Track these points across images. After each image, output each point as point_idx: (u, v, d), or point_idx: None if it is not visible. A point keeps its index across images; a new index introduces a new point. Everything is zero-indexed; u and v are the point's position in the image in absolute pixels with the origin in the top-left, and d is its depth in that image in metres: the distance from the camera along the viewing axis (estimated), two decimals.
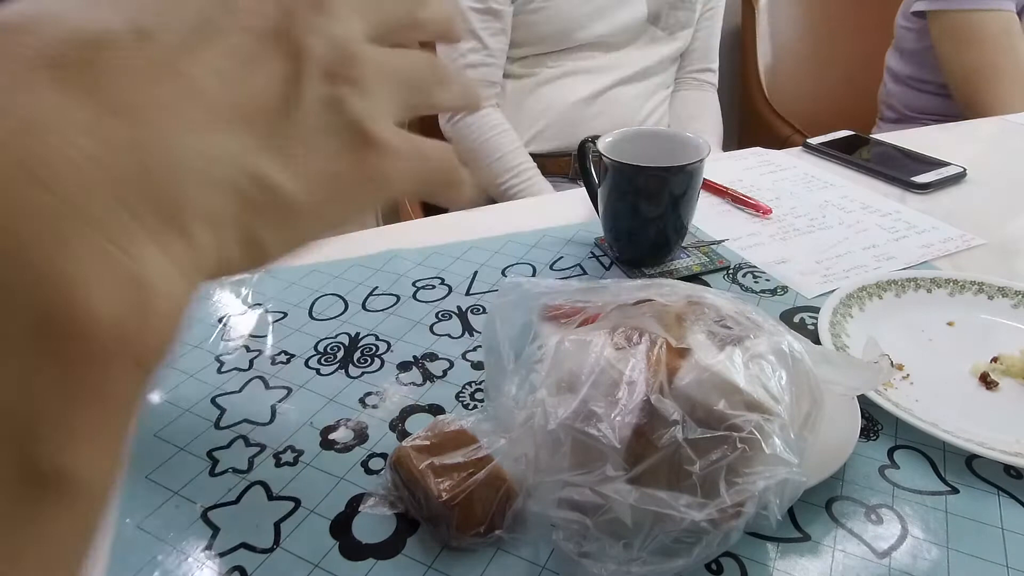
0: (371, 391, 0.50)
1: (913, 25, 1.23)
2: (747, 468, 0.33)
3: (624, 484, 0.32)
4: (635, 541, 0.32)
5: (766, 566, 0.37)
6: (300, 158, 0.22)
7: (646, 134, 0.66)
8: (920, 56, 1.24)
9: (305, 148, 0.22)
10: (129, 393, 0.19)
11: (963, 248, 0.67)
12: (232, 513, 0.41)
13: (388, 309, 0.60)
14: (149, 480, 0.43)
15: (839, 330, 0.53)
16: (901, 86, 1.29)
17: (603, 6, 1.17)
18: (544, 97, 1.21)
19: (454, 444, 0.40)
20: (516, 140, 1.17)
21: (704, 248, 0.67)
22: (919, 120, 1.26)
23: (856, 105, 1.48)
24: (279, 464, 0.44)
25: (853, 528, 0.39)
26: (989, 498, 0.41)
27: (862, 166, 0.85)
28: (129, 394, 0.19)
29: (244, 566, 0.38)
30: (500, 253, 0.68)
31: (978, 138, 0.97)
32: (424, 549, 0.39)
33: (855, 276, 0.62)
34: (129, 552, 0.39)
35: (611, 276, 0.65)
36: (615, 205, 0.63)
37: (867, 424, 0.46)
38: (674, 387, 0.34)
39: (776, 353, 0.36)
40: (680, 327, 0.37)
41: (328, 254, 0.68)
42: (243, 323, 0.58)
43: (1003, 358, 0.51)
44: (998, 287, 0.57)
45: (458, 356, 0.54)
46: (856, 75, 1.58)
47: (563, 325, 0.40)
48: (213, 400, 0.50)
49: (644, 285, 0.42)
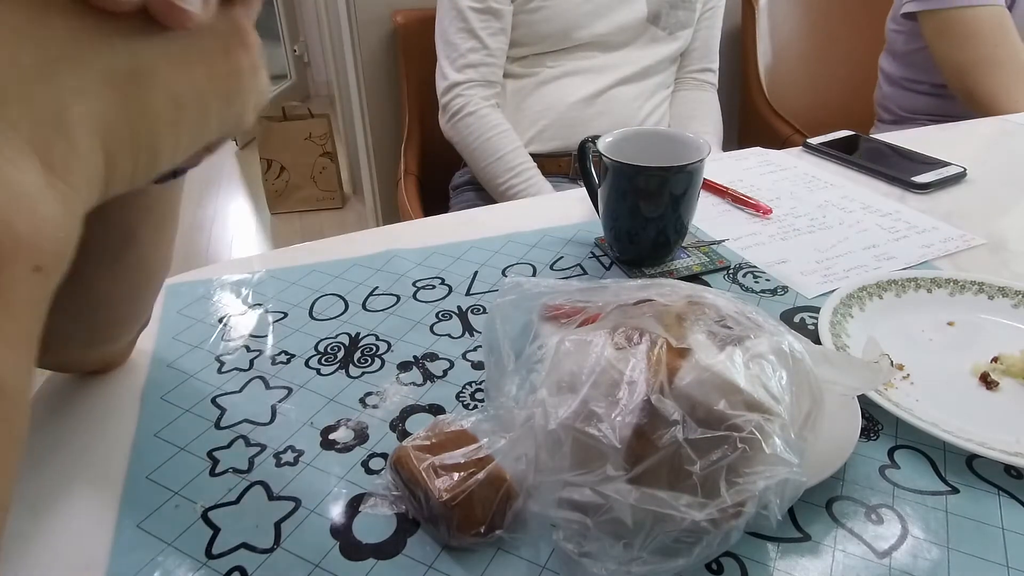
0: (371, 391, 0.50)
1: (903, 28, 1.23)
2: (747, 468, 0.33)
3: (624, 484, 0.32)
4: (635, 541, 0.32)
5: (766, 566, 0.37)
6: (180, 55, 0.24)
7: (646, 134, 0.66)
8: (911, 58, 1.24)
9: (185, 46, 0.24)
10: (33, 297, 0.20)
11: (963, 248, 0.67)
12: (232, 513, 0.41)
13: (388, 309, 0.60)
14: (149, 480, 0.43)
15: (839, 330, 0.53)
16: (895, 88, 1.30)
17: (603, 5, 1.17)
18: (544, 97, 1.21)
19: (454, 444, 0.40)
20: (516, 140, 1.17)
21: (704, 248, 0.67)
22: (916, 120, 1.26)
23: (856, 105, 1.48)
24: (279, 464, 0.44)
25: (853, 528, 0.39)
26: (989, 498, 0.41)
27: (862, 166, 0.85)
28: (33, 298, 0.20)
29: (244, 566, 0.38)
30: (500, 253, 0.68)
31: (978, 138, 0.97)
32: (424, 549, 0.39)
33: (855, 276, 0.62)
34: (129, 552, 0.39)
35: (611, 276, 0.65)
36: (615, 205, 0.63)
37: (867, 424, 0.46)
38: (674, 387, 0.34)
39: (776, 353, 0.36)
40: (680, 327, 0.37)
41: (328, 254, 0.68)
42: (243, 323, 0.58)
43: (1003, 358, 0.51)
44: (998, 287, 0.57)
45: (458, 356, 0.54)
46: (856, 75, 1.58)
47: (563, 325, 0.40)
48: (213, 400, 0.50)
49: (644, 285, 0.42)
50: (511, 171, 1.14)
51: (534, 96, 1.21)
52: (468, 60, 1.16)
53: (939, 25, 1.14)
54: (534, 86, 1.21)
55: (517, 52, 1.20)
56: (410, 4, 1.47)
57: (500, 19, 1.15)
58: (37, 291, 0.20)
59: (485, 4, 1.13)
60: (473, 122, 1.16)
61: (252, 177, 3.03)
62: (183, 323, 0.58)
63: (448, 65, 1.18)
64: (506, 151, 1.15)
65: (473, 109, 1.15)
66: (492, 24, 1.14)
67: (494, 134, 1.15)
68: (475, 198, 1.25)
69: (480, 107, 1.16)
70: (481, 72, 1.16)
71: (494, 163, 1.15)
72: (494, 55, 1.16)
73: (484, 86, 1.17)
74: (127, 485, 0.43)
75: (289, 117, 2.67)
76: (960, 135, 0.97)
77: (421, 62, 1.40)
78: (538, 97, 1.21)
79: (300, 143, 2.65)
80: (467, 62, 1.16)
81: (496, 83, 1.19)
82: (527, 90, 1.21)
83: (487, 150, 1.15)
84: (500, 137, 1.15)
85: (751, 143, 0.96)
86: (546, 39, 1.18)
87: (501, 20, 1.15)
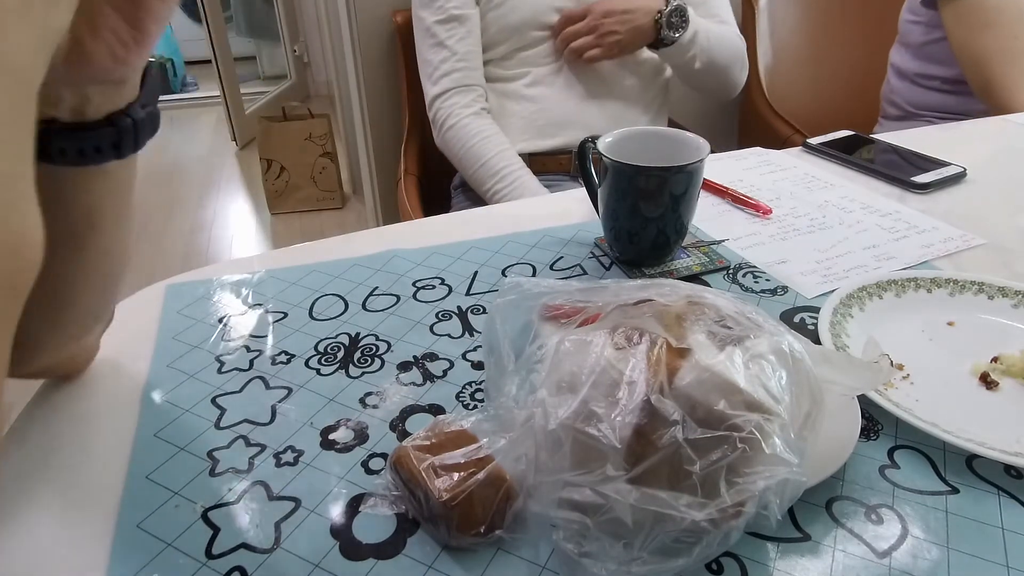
0: (371, 391, 0.50)
1: (921, 18, 1.23)
2: (747, 468, 0.33)
3: (624, 484, 0.32)
4: (635, 541, 0.32)
5: (766, 566, 0.37)
6: None
7: (646, 134, 0.66)
8: (927, 50, 1.23)
9: None
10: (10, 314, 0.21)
11: (963, 248, 0.67)
12: (232, 513, 0.41)
13: (388, 309, 0.60)
14: (149, 480, 0.43)
15: (839, 330, 0.53)
16: (906, 82, 1.29)
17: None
18: (539, 96, 1.21)
19: (454, 444, 0.40)
20: (500, 144, 1.16)
21: (704, 248, 0.67)
22: (923, 117, 1.26)
23: (856, 105, 1.48)
24: (279, 464, 0.44)
25: (853, 528, 0.39)
26: (989, 498, 0.41)
27: (862, 166, 0.85)
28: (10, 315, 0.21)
29: (244, 566, 0.38)
30: (500, 253, 0.68)
31: (978, 138, 0.97)
32: (424, 549, 0.39)
33: (855, 276, 0.62)
34: (129, 552, 0.39)
35: (611, 276, 0.65)
36: (615, 205, 0.63)
37: (867, 424, 0.46)
38: (674, 387, 0.34)
39: (776, 353, 0.36)
40: (680, 327, 0.37)
41: (328, 254, 0.68)
42: (243, 323, 0.58)
43: (1003, 358, 0.51)
44: (998, 287, 0.57)
45: (458, 356, 0.54)
46: (856, 75, 1.58)
47: (563, 325, 0.40)
48: (213, 400, 0.50)
49: (644, 285, 0.42)
50: (494, 176, 1.14)
51: (527, 95, 1.21)
52: (442, 71, 1.18)
53: (959, 12, 1.14)
54: (526, 86, 1.21)
55: (497, 52, 1.21)
56: (410, 4, 1.47)
57: (464, 24, 1.17)
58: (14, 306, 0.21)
59: (447, 14, 1.16)
60: (455, 134, 1.18)
61: (252, 177, 3.03)
62: (183, 323, 0.58)
63: (426, 81, 1.21)
64: (488, 156, 1.15)
65: (454, 122, 1.17)
66: (457, 30, 1.17)
67: (476, 141, 1.16)
68: (475, 198, 1.25)
69: (461, 117, 1.17)
70: (455, 78, 1.18)
71: (479, 170, 1.16)
72: (465, 59, 1.18)
73: (463, 92, 1.18)
74: (127, 485, 0.43)
75: (289, 117, 2.67)
76: (960, 135, 0.97)
77: None
78: (531, 96, 1.21)
79: (300, 143, 2.66)
80: (441, 72, 1.18)
81: (475, 86, 1.20)
82: (519, 91, 1.22)
83: (471, 158, 1.17)
84: (482, 144, 1.16)
85: (751, 143, 0.96)
86: (518, 29, 1.18)
87: (466, 24, 1.17)
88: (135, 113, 0.36)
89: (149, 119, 0.37)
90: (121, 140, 0.35)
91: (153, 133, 0.38)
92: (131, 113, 0.36)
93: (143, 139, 0.37)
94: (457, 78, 1.18)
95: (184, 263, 2.43)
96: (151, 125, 0.37)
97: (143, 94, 0.37)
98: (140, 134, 0.36)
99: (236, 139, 3.42)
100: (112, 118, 0.35)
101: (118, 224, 0.41)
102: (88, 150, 0.35)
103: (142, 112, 0.36)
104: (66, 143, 0.34)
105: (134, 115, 0.36)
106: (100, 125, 0.35)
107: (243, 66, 3.65)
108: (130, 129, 0.36)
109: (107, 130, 0.35)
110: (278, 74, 3.96)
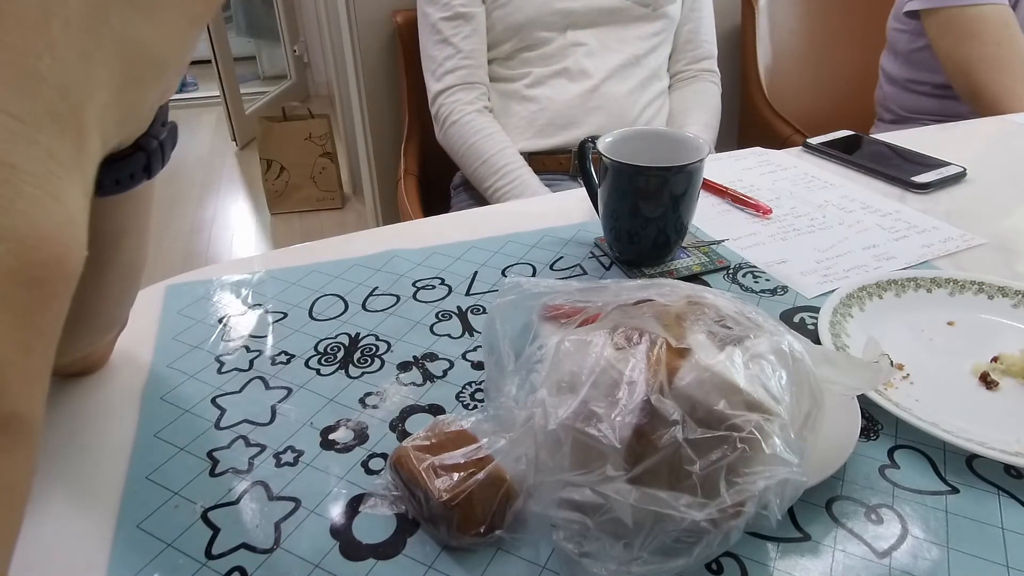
0: (371, 391, 0.50)
1: (905, 26, 1.23)
2: (747, 468, 0.33)
3: (624, 484, 0.32)
4: (635, 541, 0.32)
5: (766, 566, 0.37)
6: None
7: (646, 134, 0.66)
8: (913, 57, 1.24)
9: None
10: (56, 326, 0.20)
11: (963, 248, 0.67)
12: (232, 513, 0.41)
13: (388, 309, 0.60)
14: (149, 480, 0.43)
15: (839, 330, 0.53)
16: (896, 88, 1.29)
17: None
18: (538, 96, 1.21)
19: (454, 444, 0.40)
20: (501, 142, 1.17)
21: (704, 248, 0.67)
22: (916, 120, 1.26)
23: (856, 105, 1.48)
24: (279, 464, 0.44)
25: (853, 528, 0.39)
26: (989, 498, 0.41)
27: (862, 166, 0.85)
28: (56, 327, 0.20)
29: (244, 566, 0.38)
30: (500, 253, 0.68)
31: (978, 138, 0.97)
32: (424, 549, 0.39)
33: (855, 276, 0.62)
34: (129, 552, 0.39)
35: (611, 276, 0.65)
36: (615, 205, 0.63)
37: (867, 424, 0.46)
38: (674, 387, 0.34)
39: (776, 353, 0.36)
40: (680, 327, 0.37)
41: (328, 254, 0.68)
42: (243, 323, 0.58)
43: (1003, 358, 0.51)
44: (998, 287, 0.57)
45: (458, 356, 0.54)
46: (856, 75, 1.58)
47: (563, 325, 0.40)
48: (213, 400, 0.50)
49: (644, 285, 0.42)
50: (496, 173, 1.15)
51: (528, 95, 1.21)
52: (445, 67, 1.18)
53: (942, 23, 1.14)
54: (527, 86, 1.21)
55: (501, 51, 1.21)
56: (410, 4, 1.47)
57: (470, 22, 1.17)
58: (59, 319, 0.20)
59: (453, 11, 1.16)
60: (458, 130, 1.18)
61: (252, 177, 3.03)
62: (183, 323, 0.58)
63: (430, 77, 1.21)
64: (490, 154, 1.15)
65: (457, 118, 1.18)
66: (463, 28, 1.17)
67: (478, 139, 1.16)
68: (475, 198, 1.25)
69: (464, 113, 1.17)
70: (459, 75, 1.18)
71: (480, 167, 1.16)
72: (470, 56, 1.18)
73: (466, 89, 1.18)
74: (127, 485, 0.43)
75: (289, 117, 2.67)
76: (960, 135, 0.97)
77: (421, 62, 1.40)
78: (532, 97, 1.21)
79: (300, 143, 2.66)
80: (445, 69, 1.18)
81: (478, 83, 1.20)
82: (520, 90, 1.22)
83: (472, 155, 1.17)
84: (484, 141, 1.16)
85: (751, 143, 0.96)
86: (523, 27, 1.18)
87: (471, 22, 1.17)
88: (158, 133, 0.35)
89: (170, 135, 0.37)
90: (151, 162, 0.35)
91: (174, 146, 0.37)
92: (154, 133, 0.35)
93: (168, 155, 0.37)
94: (461, 75, 1.18)
95: (184, 263, 2.43)
96: (172, 140, 0.37)
97: (160, 110, 0.37)
98: (165, 151, 0.36)
99: (236, 139, 3.42)
100: (139, 142, 0.35)
101: (140, 240, 0.41)
102: (124, 179, 0.34)
103: (163, 131, 0.36)
104: (103, 176, 0.34)
105: (157, 135, 0.35)
106: (131, 152, 0.34)
107: (243, 66, 3.65)
108: (158, 150, 0.35)
109: (138, 155, 0.34)
110: (278, 74, 3.96)
